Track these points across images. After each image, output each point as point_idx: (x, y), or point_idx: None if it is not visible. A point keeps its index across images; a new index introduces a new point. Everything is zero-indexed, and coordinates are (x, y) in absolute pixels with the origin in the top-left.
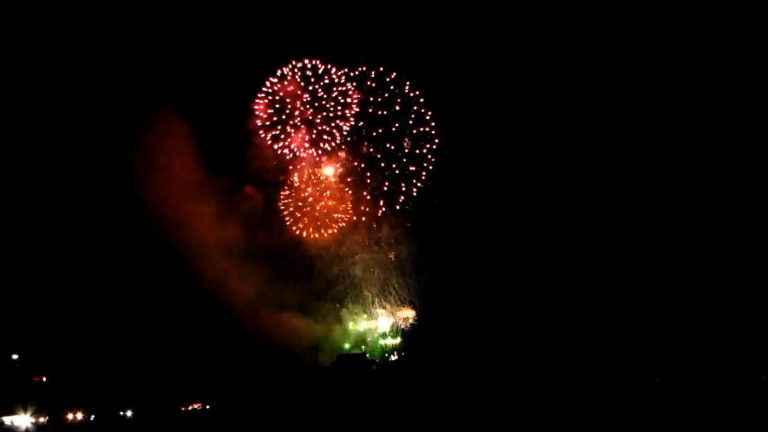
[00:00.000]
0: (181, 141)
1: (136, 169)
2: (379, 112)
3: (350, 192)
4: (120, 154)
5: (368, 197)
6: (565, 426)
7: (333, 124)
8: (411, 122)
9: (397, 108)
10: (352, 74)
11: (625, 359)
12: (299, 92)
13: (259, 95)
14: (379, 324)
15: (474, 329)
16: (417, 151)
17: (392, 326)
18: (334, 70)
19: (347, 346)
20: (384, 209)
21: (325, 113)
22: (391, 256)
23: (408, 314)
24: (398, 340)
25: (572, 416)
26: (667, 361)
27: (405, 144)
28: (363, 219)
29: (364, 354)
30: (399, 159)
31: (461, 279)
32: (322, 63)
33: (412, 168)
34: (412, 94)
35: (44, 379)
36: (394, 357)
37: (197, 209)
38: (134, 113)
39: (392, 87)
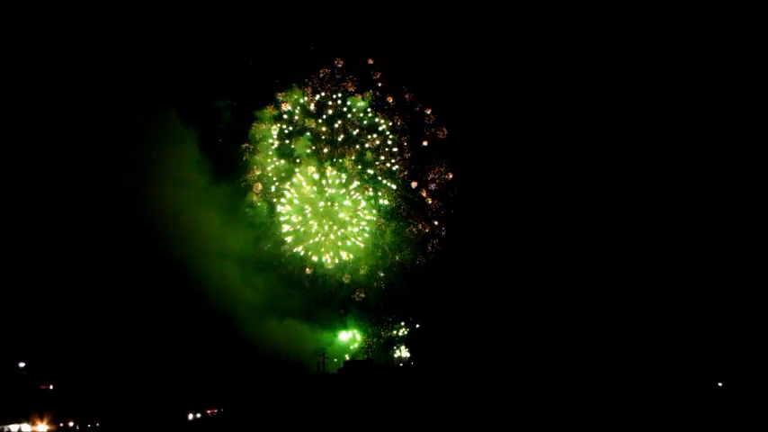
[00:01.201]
0: (185, 147)
1: (140, 176)
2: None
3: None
4: (123, 161)
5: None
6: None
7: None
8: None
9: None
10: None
11: (625, 360)
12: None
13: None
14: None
15: (480, 333)
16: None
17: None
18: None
19: (353, 352)
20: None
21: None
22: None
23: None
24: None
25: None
26: (668, 362)
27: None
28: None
29: (371, 360)
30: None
31: (465, 282)
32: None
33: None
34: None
35: (51, 387)
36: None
37: (202, 215)
38: (138, 118)
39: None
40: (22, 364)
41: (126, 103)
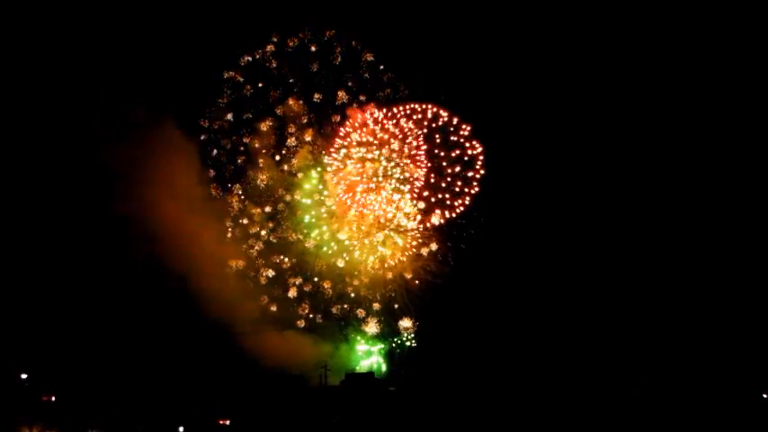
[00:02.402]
0: (184, 158)
1: (139, 189)
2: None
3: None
4: (122, 174)
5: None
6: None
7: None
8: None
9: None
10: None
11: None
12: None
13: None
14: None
15: (481, 346)
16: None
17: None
18: None
19: (354, 365)
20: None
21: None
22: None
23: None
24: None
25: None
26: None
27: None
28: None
29: (373, 373)
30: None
31: (466, 291)
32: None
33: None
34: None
35: (53, 398)
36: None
37: (200, 227)
38: (136, 129)
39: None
40: (24, 376)
41: (124, 115)
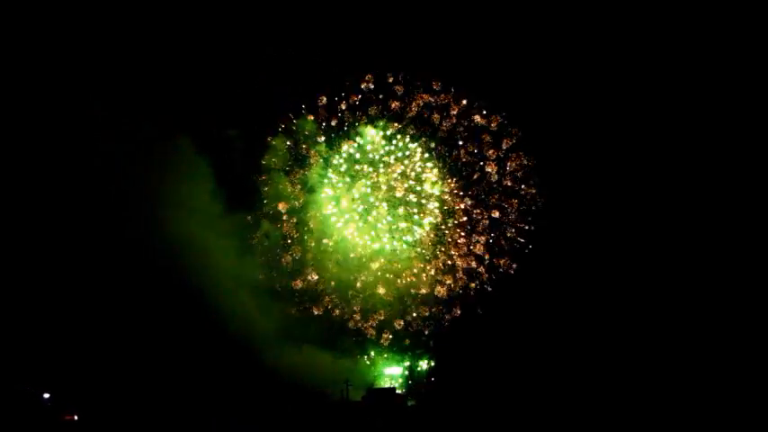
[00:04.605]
0: (198, 176)
1: (157, 207)
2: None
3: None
4: (138, 192)
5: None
6: None
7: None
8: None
9: None
10: None
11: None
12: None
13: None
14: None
15: (503, 360)
16: None
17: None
18: None
19: (375, 379)
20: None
21: None
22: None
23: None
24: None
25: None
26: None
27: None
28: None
29: (394, 388)
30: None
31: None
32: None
33: None
34: None
35: (75, 417)
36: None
37: (216, 244)
38: (150, 147)
39: None
40: (46, 395)
41: (138, 133)
